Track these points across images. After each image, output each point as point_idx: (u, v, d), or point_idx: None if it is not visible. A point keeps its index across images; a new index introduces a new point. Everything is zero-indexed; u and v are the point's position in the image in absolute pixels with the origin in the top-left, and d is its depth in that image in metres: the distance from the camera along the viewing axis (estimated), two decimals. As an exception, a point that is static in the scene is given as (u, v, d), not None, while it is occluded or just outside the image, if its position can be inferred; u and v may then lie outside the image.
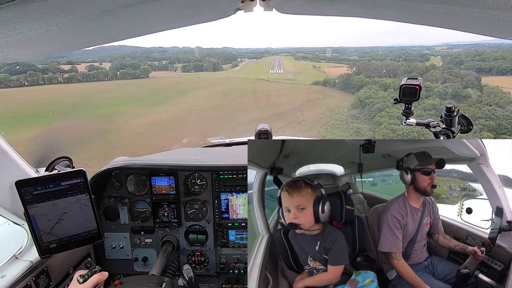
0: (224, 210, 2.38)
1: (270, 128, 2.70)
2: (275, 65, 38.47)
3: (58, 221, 1.65)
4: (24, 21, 0.82)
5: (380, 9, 1.16)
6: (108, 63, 30.34)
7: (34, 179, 1.62)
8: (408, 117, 1.99)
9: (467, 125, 1.98)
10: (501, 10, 0.78)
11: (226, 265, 2.44)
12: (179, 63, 34.54)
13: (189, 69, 34.42)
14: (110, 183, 2.36)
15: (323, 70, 34.04)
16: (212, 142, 3.34)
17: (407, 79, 1.86)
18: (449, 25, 1.16)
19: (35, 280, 1.78)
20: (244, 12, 1.42)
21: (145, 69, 31.09)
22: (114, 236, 2.42)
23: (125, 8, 0.93)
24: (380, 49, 33.27)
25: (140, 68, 31.00)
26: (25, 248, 1.87)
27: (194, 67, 34.69)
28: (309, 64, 37.58)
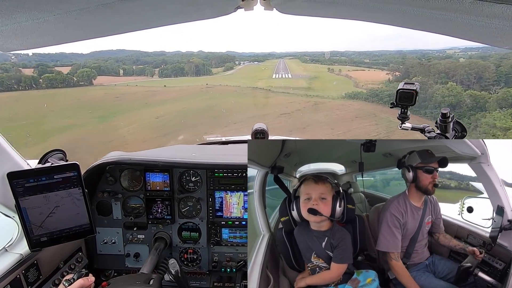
0: (218, 208, 2.38)
1: (266, 127, 2.71)
2: (280, 68, 31.15)
3: (50, 215, 1.63)
4: (21, 10, 0.81)
5: (380, 13, 1.17)
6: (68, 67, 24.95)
7: (26, 171, 1.60)
8: (403, 122, 2.00)
9: (461, 131, 2.00)
10: (498, 19, 0.79)
11: (218, 263, 2.44)
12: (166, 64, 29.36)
13: (168, 74, 28.53)
14: (103, 178, 2.34)
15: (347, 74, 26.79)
16: (208, 139, 3.34)
17: (404, 83, 1.88)
18: (447, 32, 1.17)
19: (24, 273, 1.76)
20: (245, 10, 1.42)
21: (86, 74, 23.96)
22: (107, 231, 2.40)
23: (124, 2, 0.92)
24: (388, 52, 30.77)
25: (79, 72, 24.04)
26: (15, 241, 1.85)
27: (173, 71, 28.49)
28: (321, 67, 30.74)
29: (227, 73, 30.26)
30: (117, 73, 28.89)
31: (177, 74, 28.67)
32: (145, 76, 28.90)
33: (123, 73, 28.98)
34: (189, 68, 28.56)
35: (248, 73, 29.72)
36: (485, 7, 0.74)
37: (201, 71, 29.21)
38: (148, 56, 31.58)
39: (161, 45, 43.72)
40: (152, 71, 29.05)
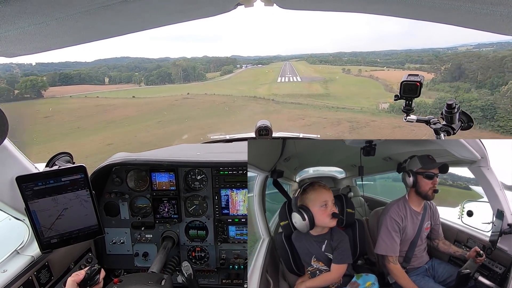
0: (224, 206, 2.39)
1: (270, 124, 2.70)
2: (286, 70, 27.87)
3: (59, 217, 1.66)
4: (23, 15, 0.82)
5: (382, 4, 1.16)
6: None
7: (34, 174, 1.63)
8: (408, 114, 1.98)
9: (467, 122, 1.98)
10: (503, 6, 0.77)
11: (226, 260, 2.45)
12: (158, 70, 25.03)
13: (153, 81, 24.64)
14: (110, 179, 2.36)
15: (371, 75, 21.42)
16: (212, 138, 3.34)
17: (408, 75, 1.86)
18: (451, 21, 1.15)
19: (36, 274, 1.79)
20: (245, 7, 1.41)
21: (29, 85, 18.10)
22: (115, 231, 2.43)
23: (125, 3, 0.92)
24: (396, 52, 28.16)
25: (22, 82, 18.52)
26: (26, 243, 1.88)
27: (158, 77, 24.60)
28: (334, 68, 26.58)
29: (223, 78, 25.77)
30: (101, 81, 26.04)
31: (163, 80, 24.79)
32: (132, 83, 25.68)
33: (110, 81, 26.04)
34: (176, 73, 24.20)
35: (248, 77, 23.84)
36: None
37: (191, 76, 24.69)
38: (150, 63, 28.67)
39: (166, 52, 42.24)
40: (140, 78, 26.01)
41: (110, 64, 27.02)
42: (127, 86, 24.89)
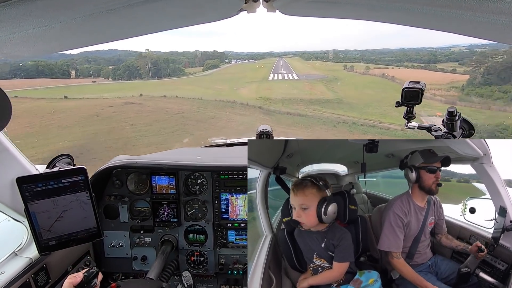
0: (224, 210, 2.38)
1: (271, 129, 2.70)
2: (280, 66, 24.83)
3: (58, 219, 1.65)
4: (28, 18, 0.83)
5: (383, 11, 1.17)
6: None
7: (35, 176, 1.63)
8: (409, 121, 1.98)
9: (468, 130, 1.97)
10: (504, 15, 0.78)
11: (225, 265, 2.43)
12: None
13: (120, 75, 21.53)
14: (110, 182, 2.36)
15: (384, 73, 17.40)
16: (213, 142, 3.35)
17: (409, 82, 1.86)
18: (452, 29, 1.16)
19: (34, 277, 1.78)
20: (248, 13, 1.43)
21: None
22: (114, 234, 2.42)
23: (129, 7, 0.93)
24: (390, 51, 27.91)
25: None
26: (24, 245, 1.87)
27: (125, 71, 21.54)
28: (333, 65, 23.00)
29: (203, 74, 21.68)
30: (66, 75, 22.44)
31: (131, 75, 20.90)
32: (101, 78, 22.06)
33: (76, 75, 22.71)
34: (144, 67, 19.92)
35: (234, 74, 19.06)
36: (491, 3, 0.74)
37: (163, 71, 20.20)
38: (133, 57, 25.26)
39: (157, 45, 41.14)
40: (109, 72, 22.64)
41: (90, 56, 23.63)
42: (87, 80, 21.31)
